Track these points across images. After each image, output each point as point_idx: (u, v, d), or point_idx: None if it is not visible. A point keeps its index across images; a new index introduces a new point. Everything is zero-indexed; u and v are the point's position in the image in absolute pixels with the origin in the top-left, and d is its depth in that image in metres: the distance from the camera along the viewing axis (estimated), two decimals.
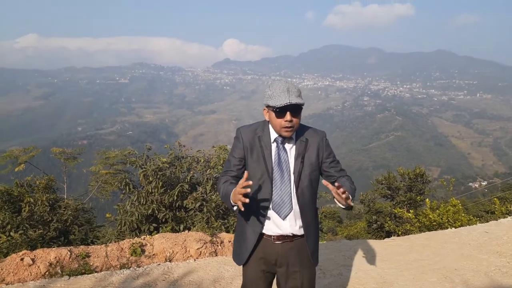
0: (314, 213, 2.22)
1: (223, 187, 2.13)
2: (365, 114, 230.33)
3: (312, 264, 2.23)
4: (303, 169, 2.13)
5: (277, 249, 2.15)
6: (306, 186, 2.14)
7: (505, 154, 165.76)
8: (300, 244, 2.17)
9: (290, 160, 2.14)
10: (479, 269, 4.26)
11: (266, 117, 2.16)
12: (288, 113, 2.02)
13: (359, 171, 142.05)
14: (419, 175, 16.44)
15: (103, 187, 8.91)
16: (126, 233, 6.84)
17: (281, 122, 2.05)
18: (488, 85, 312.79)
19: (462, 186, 75.60)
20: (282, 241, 2.14)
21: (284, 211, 2.10)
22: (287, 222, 2.11)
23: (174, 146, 8.09)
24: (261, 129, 2.19)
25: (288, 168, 2.12)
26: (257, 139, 2.17)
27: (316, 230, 2.25)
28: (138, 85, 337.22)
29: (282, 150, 2.15)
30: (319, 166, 2.22)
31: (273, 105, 2.02)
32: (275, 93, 2.03)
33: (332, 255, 4.79)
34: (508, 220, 6.46)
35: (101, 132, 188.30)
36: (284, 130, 2.07)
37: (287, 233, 2.13)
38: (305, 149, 2.16)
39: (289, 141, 2.17)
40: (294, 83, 2.11)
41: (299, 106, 2.04)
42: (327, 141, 2.27)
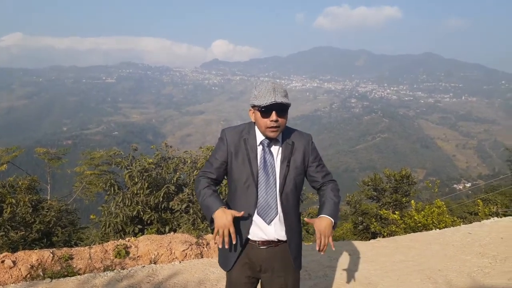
0: (297, 218, 2.19)
1: (203, 192, 2.08)
2: (352, 116, 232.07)
3: (296, 269, 2.20)
4: (288, 172, 2.10)
5: (262, 255, 2.11)
6: (290, 190, 2.11)
7: (489, 156, 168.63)
8: (285, 249, 2.14)
9: (276, 163, 2.11)
10: (462, 269, 4.32)
11: (252, 118, 2.13)
12: (273, 113, 1.99)
13: (345, 172, 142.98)
14: (405, 177, 16.60)
15: (87, 188, 8.77)
16: (111, 234, 6.75)
17: (266, 122, 2.02)
18: (474, 88, 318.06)
19: (447, 187, 76.56)
20: (267, 246, 2.11)
21: (270, 215, 2.07)
22: (272, 227, 2.08)
23: (160, 147, 8.03)
24: (247, 131, 2.16)
25: (274, 171, 2.09)
26: (243, 142, 2.13)
27: (299, 235, 2.22)
28: (125, 84, 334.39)
29: (268, 153, 2.11)
30: (305, 170, 2.19)
31: (258, 104, 2.00)
32: (261, 93, 2.01)
33: (318, 257, 4.80)
34: (491, 222, 6.56)
35: (87, 132, 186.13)
36: (269, 131, 2.03)
37: (272, 238, 2.10)
38: (291, 153, 2.13)
39: (275, 144, 2.14)
40: (281, 84, 2.08)
41: (285, 106, 2.02)
42: (314, 145, 2.24)
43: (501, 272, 4.17)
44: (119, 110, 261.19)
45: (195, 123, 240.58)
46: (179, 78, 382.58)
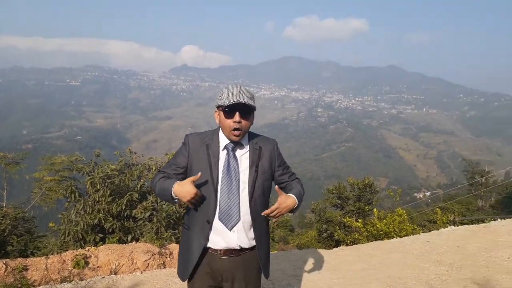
0: (266, 224, 2.19)
1: (160, 182, 2.08)
2: (318, 125, 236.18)
3: (259, 279, 2.18)
4: (257, 178, 2.09)
5: (224, 264, 2.08)
6: (259, 195, 2.10)
7: (447, 166, 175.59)
8: (248, 258, 2.12)
9: (242, 168, 2.10)
10: (420, 277, 4.45)
11: (217, 120, 2.12)
12: (237, 113, 2.00)
13: (311, 180, 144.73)
14: (368, 186, 17.03)
15: (47, 194, 8.42)
16: (70, 243, 6.51)
17: (230, 123, 2.02)
18: (434, 101, 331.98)
19: (408, 196, 79.05)
20: (229, 256, 2.08)
21: (231, 221, 2.04)
22: (234, 233, 2.05)
23: (124, 153, 7.83)
24: (210, 137, 2.15)
25: (237, 176, 2.07)
26: (205, 147, 2.11)
27: (268, 241, 2.22)
28: (90, 88, 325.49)
29: (232, 158, 2.10)
30: (272, 175, 2.20)
31: (222, 103, 2.01)
32: (226, 94, 2.02)
33: (282, 265, 4.81)
34: (448, 230, 6.81)
35: (48, 136, 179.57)
36: (232, 134, 2.03)
37: (234, 246, 2.06)
38: (259, 158, 2.13)
39: (241, 148, 2.13)
40: (247, 88, 2.10)
41: (249, 108, 2.03)
42: (279, 149, 2.26)
43: (457, 279, 4.32)
44: (83, 114, 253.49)
45: (161, 129, 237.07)
46: (147, 83, 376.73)
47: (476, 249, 5.41)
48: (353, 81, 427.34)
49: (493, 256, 5.04)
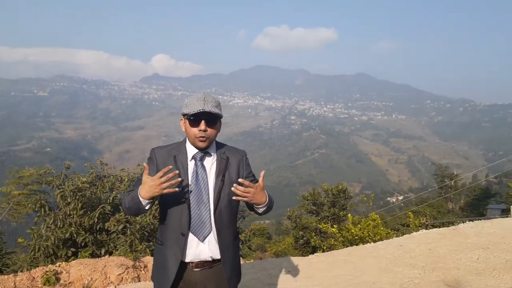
0: (233, 235, 2.13)
1: (127, 196, 2.02)
2: (292, 132, 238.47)
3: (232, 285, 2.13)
4: (223, 187, 2.04)
5: (196, 277, 2.04)
6: (224, 205, 2.05)
7: (418, 170, 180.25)
8: (220, 270, 2.07)
9: (210, 178, 2.06)
10: (394, 281, 4.53)
11: (183, 128, 2.09)
12: (202, 122, 1.98)
13: (287, 187, 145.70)
14: (342, 191, 17.31)
15: (15, 209, 8.16)
16: (40, 259, 6.30)
17: (195, 131, 2.00)
18: (403, 107, 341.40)
19: (381, 201, 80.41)
20: (200, 269, 2.04)
21: (203, 232, 2.00)
22: (206, 245, 2.02)
23: (95, 165, 7.67)
24: (177, 149, 2.11)
25: (206, 186, 2.03)
26: (172, 159, 2.06)
27: (235, 253, 2.15)
28: (59, 98, 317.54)
29: (201, 168, 2.06)
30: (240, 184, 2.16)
31: (187, 112, 1.99)
32: (191, 102, 2.00)
33: (258, 274, 4.81)
34: (419, 234, 6.97)
35: (15, 148, 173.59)
36: (197, 140, 2.01)
37: (206, 258, 2.03)
38: (226, 167, 2.09)
39: (209, 158, 2.10)
40: (213, 96, 2.07)
41: (215, 116, 2.01)
42: (247, 160, 2.23)
43: (430, 282, 4.43)
44: (52, 125, 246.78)
45: (134, 139, 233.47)
46: (117, 93, 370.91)
47: (447, 251, 5.56)
48: (324, 88, 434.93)
49: (463, 258, 5.19)
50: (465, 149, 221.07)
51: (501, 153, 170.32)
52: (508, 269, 4.61)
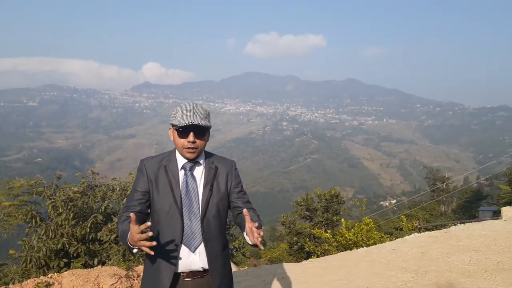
0: (222, 245, 2.11)
1: (121, 226, 1.94)
2: (284, 138, 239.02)
3: None
4: (211, 197, 2.05)
5: (188, 287, 2.02)
6: (213, 215, 2.05)
7: (410, 174, 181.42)
8: (210, 280, 2.06)
9: (199, 187, 2.06)
10: (388, 285, 4.55)
11: (171, 137, 2.08)
12: (191, 134, 1.98)
13: (280, 193, 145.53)
14: (335, 196, 17.35)
15: (6, 220, 8.05)
16: (32, 271, 6.22)
17: (183, 142, 1.99)
18: (393, 111, 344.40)
19: (374, 205, 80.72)
20: (192, 278, 2.03)
21: (194, 243, 2.00)
22: (197, 255, 2.01)
23: (86, 174, 7.62)
24: (167, 159, 2.09)
25: (196, 196, 2.03)
26: (163, 170, 2.06)
27: (225, 262, 2.14)
28: (49, 108, 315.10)
29: (190, 177, 2.06)
30: (228, 195, 2.15)
31: (176, 123, 1.98)
32: (180, 113, 1.99)
33: (252, 282, 4.80)
34: (412, 237, 7.01)
35: (5, 159, 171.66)
36: (186, 151, 2.00)
37: (197, 268, 2.02)
38: (214, 177, 2.09)
39: (198, 167, 2.10)
40: (202, 106, 2.07)
41: (204, 128, 2.01)
42: (237, 171, 2.22)
43: (422, 285, 4.46)
44: (42, 135, 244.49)
45: (125, 147, 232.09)
46: (108, 101, 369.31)
47: (439, 254, 5.60)
48: (314, 94, 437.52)
49: (455, 261, 5.23)
50: (455, 152, 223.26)
51: (491, 155, 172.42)
52: (499, 271, 4.65)
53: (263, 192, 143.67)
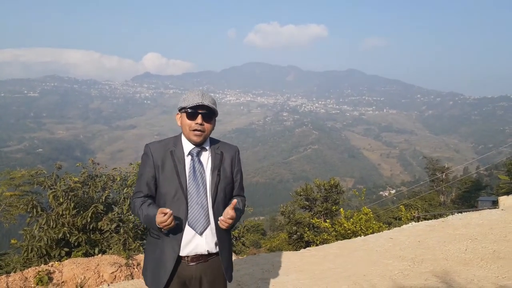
0: (227, 229, 2.16)
1: (141, 210, 2.02)
2: (284, 129, 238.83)
3: (225, 282, 2.18)
4: (219, 182, 2.10)
5: (191, 271, 2.07)
6: (221, 199, 2.11)
7: (409, 164, 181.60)
8: (215, 264, 2.12)
9: (206, 172, 2.11)
10: (384, 273, 4.61)
11: (178, 122, 2.12)
12: (199, 116, 2.03)
13: (280, 183, 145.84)
14: (334, 186, 17.41)
15: (7, 210, 8.11)
16: (34, 260, 6.29)
17: (191, 124, 2.04)
18: (393, 102, 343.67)
19: (374, 195, 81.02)
20: (196, 262, 2.07)
21: (201, 226, 2.04)
22: (203, 238, 2.05)
23: (87, 164, 7.65)
24: (173, 144, 2.13)
25: (204, 180, 2.08)
26: (169, 154, 2.10)
27: (230, 246, 2.22)
28: (50, 99, 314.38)
29: (197, 163, 2.10)
30: (233, 180, 2.22)
31: (185, 105, 2.04)
32: (189, 97, 2.06)
33: (251, 270, 4.86)
34: (409, 226, 7.07)
35: (6, 150, 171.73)
36: (193, 134, 2.05)
37: (202, 251, 2.06)
38: (220, 162, 2.15)
39: (205, 153, 2.14)
40: (211, 95, 2.13)
41: (212, 112, 2.07)
42: (239, 157, 2.28)
43: (419, 273, 4.52)
44: (43, 126, 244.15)
45: (126, 138, 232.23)
46: (109, 92, 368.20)
47: (436, 243, 5.65)
48: (315, 85, 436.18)
49: (451, 249, 5.29)
50: (455, 142, 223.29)
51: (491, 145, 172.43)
52: (495, 259, 4.71)
53: (263, 183, 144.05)
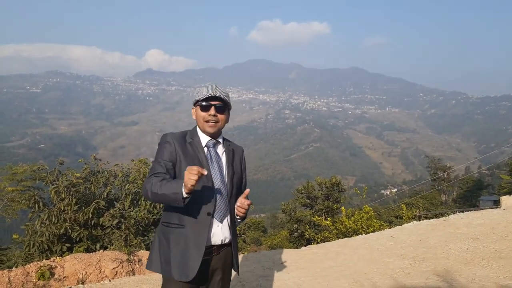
0: (235, 223, 2.25)
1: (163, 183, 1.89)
2: (286, 127, 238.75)
3: (230, 272, 2.23)
4: (234, 175, 2.19)
5: (205, 265, 2.04)
6: (235, 193, 2.19)
7: (411, 163, 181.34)
8: (226, 255, 2.16)
9: (223, 164, 2.18)
10: (385, 272, 4.61)
11: (194, 116, 2.19)
12: (212, 108, 2.11)
13: (282, 181, 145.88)
14: (335, 184, 17.38)
15: (9, 205, 8.13)
16: (35, 255, 6.31)
17: (205, 115, 2.11)
18: (396, 100, 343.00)
19: (375, 193, 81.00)
20: (209, 256, 2.07)
21: (223, 214, 2.10)
22: (221, 227, 2.09)
23: (89, 160, 7.67)
24: (190, 135, 2.18)
25: (221, 171, 2.14)
26: (189, 144, 2.14)
27: (237, 239, 2.29)
28: (52, 94, 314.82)
29: (215, 154, 2.17)
30: (241, 177, 2.28)
31: (198, 97, 2.13)
32: (203, 90, 2.14)
33: (252, 267, 4.87)
34: (410, 225, 7.07)
35: (9, 145, 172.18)
36: (207, 125, 2.12)
37: (216, 242, 2.07)
38: (233, 158, 2.23)
39: (220, 146, 2.22)
40: (224, 89, 2.18)
41: (225, 104, 2.15)
42: (244, 156, 2.36)
43: (420, 272, 4.51)
44: (46, 122, 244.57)
45: (128, 134, 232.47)
46: (111, 88, 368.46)
47: (437, 242, 5.65)
48: (317, 82, 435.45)
49: (453, 248, 5.28)
50: (457, 141, 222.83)
51: (493, 145, 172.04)
52: (496, 259, 4.70)
53: (264, 180, 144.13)
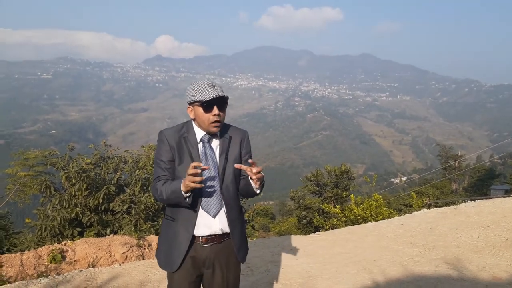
0: (239, 209, 2.24)
1: (165, 187, 2.03)
2: (296, 114, 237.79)
3: (239, 266, 2.23)
4: (227, 165, 2.16)
5: (205, 253, 2.12)
6: (230, 181, 2.16)
7: (422, 151, 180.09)
8: (228, 245, 2.17)
9: (217, 157, 2.16)
10: (395, 259, 4.59)
11: (191, 115, 2.14)
12: (215, 107, 2.05)
13: (291, 168, 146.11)
14: (345, 172, 17.34)
15: (21, 190, 8.25)
16: (47, 239, 6.42)
17: (209, 117, 2.06)
18: (407, 88, 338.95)
19: (385, 181, 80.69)
20: (210, 244, 2.12)
21: (214, 209, 2.10)
22: (217, 220, 2.11)
23: (99, 146, 7.72)
24: (185, 130, 2.17)
25: (215, 165, 2.13)
26: (183, 140, 2.14)
27: (242, 226, 2.26)
28: (63, 81, 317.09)
29: (209, 149, 2.15)
30: (241, 162, 2.23)
31: (200, 99, 2.04)
32: (201, 88, 2.06)
33: (260, 252, 4.88)
34: (421, 213, 7.02)
35: (20, 131, 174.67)
36: (212, 126, 2.08)
37: (216, 231, 2.11)
38: (228, 146, 2.19)
39: (215, 139, 2.18)
40: (217, 82, 2.14)
41: (225, 100, 2.10)
42: (249, 140, 2.32)
43: (430, 260, 4.48)
44: (56, 108, 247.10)
45: (138, 121, 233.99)
46: (121, 74, 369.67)
47: (448, 230, 5.60)
48: (328, 69, 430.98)
49: (463, 236, 5.24)
50: (469, 130, 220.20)
51: (506, 133, 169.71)
52: (508, 247, 4.65)
53: (273, 168, 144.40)
